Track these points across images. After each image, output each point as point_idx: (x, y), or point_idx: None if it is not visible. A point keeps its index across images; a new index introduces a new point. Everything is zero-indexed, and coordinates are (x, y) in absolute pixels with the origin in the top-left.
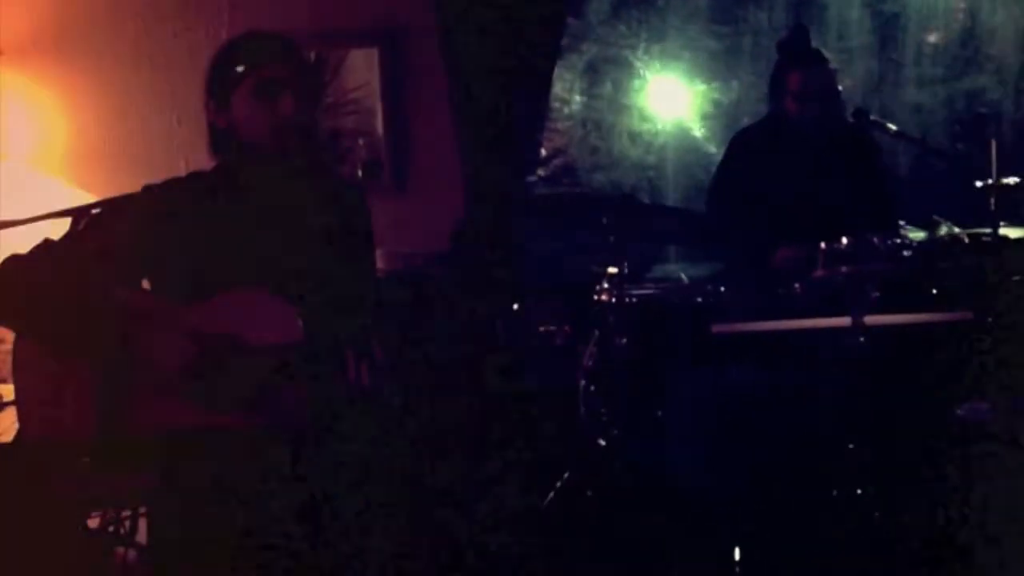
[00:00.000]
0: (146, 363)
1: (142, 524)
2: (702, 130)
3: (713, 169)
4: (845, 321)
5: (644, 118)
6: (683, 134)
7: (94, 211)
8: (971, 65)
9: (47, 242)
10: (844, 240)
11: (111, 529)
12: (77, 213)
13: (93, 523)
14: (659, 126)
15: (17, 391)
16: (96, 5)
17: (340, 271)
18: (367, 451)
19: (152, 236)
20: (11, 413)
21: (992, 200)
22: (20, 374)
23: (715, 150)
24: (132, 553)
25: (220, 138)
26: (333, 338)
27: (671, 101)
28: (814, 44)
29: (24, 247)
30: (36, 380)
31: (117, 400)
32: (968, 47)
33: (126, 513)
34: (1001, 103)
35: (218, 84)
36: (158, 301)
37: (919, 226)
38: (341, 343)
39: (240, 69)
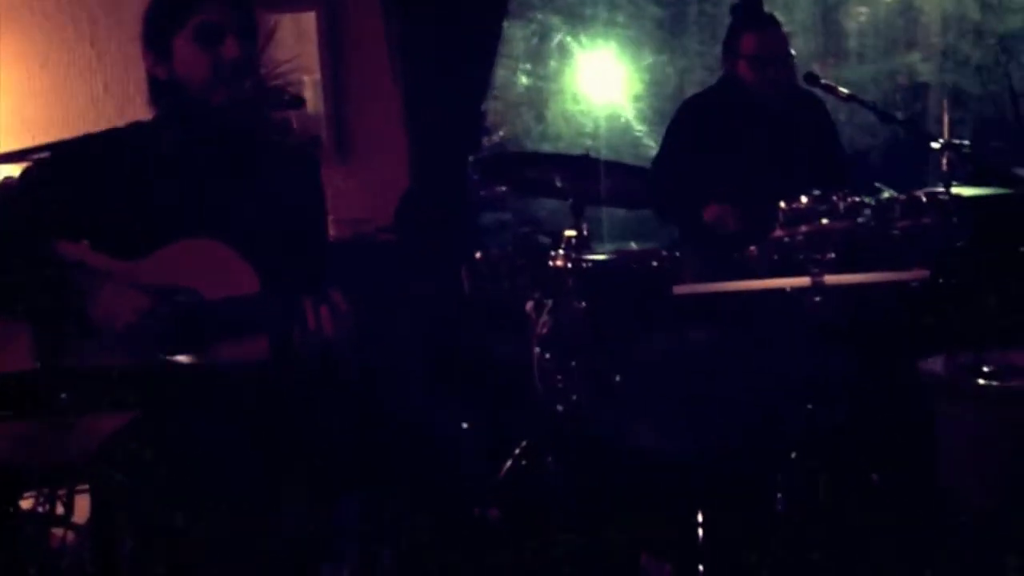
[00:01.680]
0: (93, 320)
1: (80, 503)
2: (646, 101)
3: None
4: (805, 281)
5: (590, 88)
6: (628, 105)
7: (31, 158)
8: (900, 43)
9: None
10: (804, 199)
11: (45, 509)
12: (12, 160)
13: (26, 504)
14: (604, 96)
15: None
16: None
17: (291, 219)
18: (323, 406)
19: (92, 187)
20: None
21: (944, 160)
22: None
23: (656, 121)
24: (70, 535)
25: (161, 89)
26: (288, 287)
27: (616, 71)
28: None
29: None
30: None
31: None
32: (898, 27)
33: (61, 491)
34: (928, 79)
35: (157, 32)
36: (103, 256)
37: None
38: (297, 292)
39: (180, 13)
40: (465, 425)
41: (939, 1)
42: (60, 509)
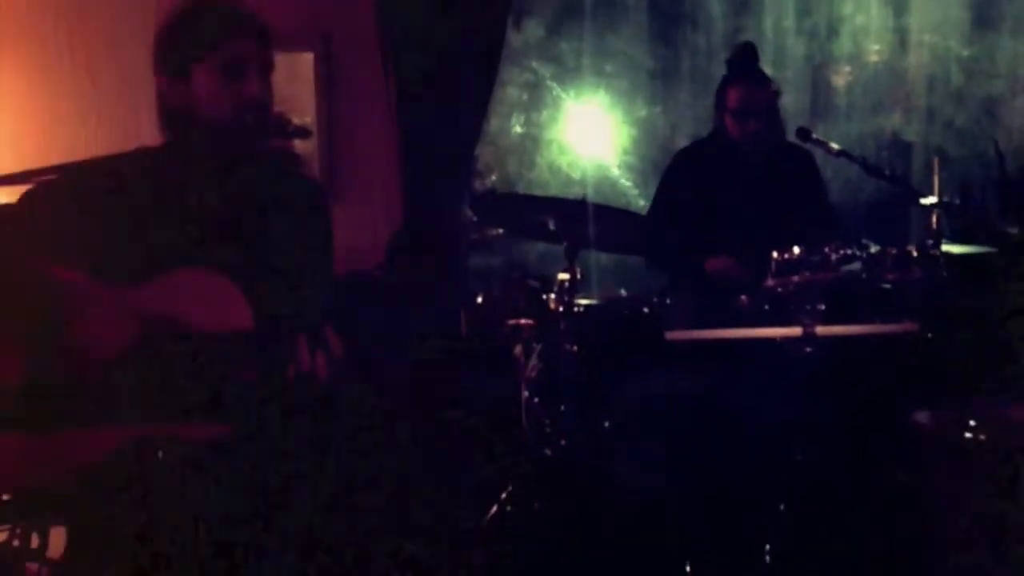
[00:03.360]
0: (83, 349)
1: (54, 539)
2: (635, 152)
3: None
4: (796, 331)
5: (579, 138)
6: (617, 156)
7: (34, 180)
8: (885, 104)
9: None
10: (796, 249)
11: (19, 544)
12: (15, 181)
13: (1, 536)
14: (593, 147)
15: None
16: (17, 1)
17: (294, 257)
18: (308, 450)
19: (93, 211)
20: None
21: (934, 216)
22: None
23: (646, 172)
24: (44, 570)
25: (174, 115)
26: (284, 325)
27: (606, 122)
28: None
29: None
30: None
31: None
32: (883, 88)
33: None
34: (912, 140)
35: (176, 57)
36: (96, 281)
37: None
38: (293, 331)
39: (204, 43)
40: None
41: (924, 64)
42: (35, 542)
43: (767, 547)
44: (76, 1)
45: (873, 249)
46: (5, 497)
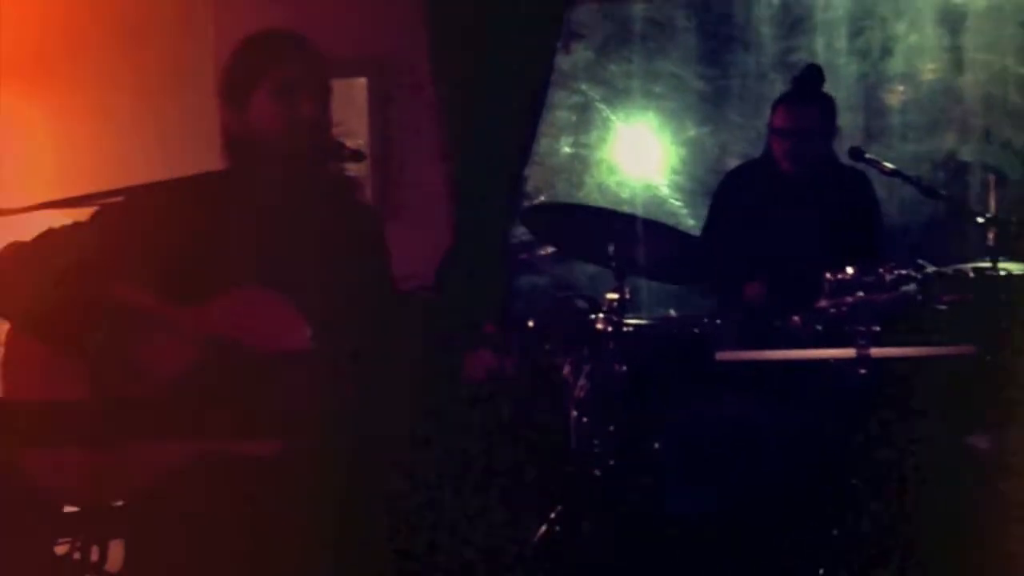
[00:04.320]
0: (146, 366)
1: (113, 552)
2: (684, 173)
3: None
4: (850, 352)
5: (628, 159)
6: (666, 177)
7: (100, 202)
8: (941, 124)
9: (50, 231)
10: (849, 270)
11: (79, 557)
12: (82, 203)
13: (61, 550)
14: (642, 168)
15: (6, 388)
16: (81, 29)
17: (352, 280)
18: (360, 468)
19: (158, 232)
20: None
21: (991, 235)
22: (10, 371)
23: (696, 192)
24: None
25: (235, 143)
26: (341, 348)
27: (656, 143)
28: None
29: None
30: (27, 379)
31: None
32: (939, 107)
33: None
34: (968, 160)
35: (234, 86)
36: (158, 301)
37: None
38: (350, 354)
39: (258, 68)
40: None
41: (980, 83)
42: (95, 555)
43: (820, 572)
44: (135, 28)
45: (929, 270)
46: (68, 510)
